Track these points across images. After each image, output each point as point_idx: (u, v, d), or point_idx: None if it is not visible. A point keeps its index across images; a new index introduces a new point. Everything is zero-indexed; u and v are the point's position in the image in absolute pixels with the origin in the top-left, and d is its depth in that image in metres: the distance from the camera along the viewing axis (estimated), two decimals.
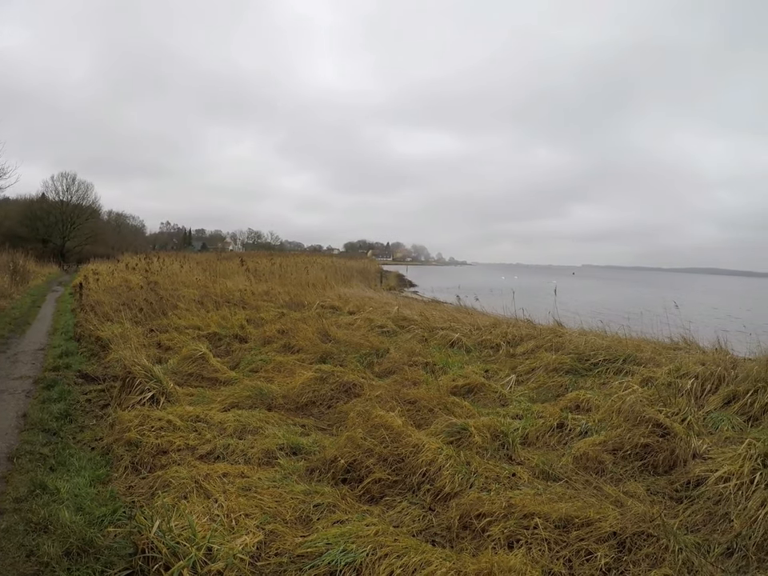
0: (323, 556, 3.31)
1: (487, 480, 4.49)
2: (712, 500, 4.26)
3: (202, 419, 5.77)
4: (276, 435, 5.38)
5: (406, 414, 5.86)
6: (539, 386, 7.81)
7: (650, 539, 3.56)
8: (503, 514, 3.85)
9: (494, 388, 7.47)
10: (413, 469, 4.54)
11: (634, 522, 3.69)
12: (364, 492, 4.40)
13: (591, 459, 4.98)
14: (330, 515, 3.91)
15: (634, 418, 5.47)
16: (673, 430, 5.28)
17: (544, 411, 6.28)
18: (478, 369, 8.56)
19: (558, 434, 5.70)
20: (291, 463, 4.87)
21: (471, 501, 4.06)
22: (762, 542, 3.74)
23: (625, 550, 3.52)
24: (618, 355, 8.56)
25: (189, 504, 3.81)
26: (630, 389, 6.53)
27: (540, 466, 4.89)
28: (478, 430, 5.37)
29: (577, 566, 3.42)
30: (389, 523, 3.86)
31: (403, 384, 7.16)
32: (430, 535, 3.85)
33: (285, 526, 3.72)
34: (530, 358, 9.20)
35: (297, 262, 35.56)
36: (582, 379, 7.97)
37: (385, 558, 3.27)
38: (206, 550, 3.24)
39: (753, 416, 6.14)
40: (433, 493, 4.33)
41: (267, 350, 9.76)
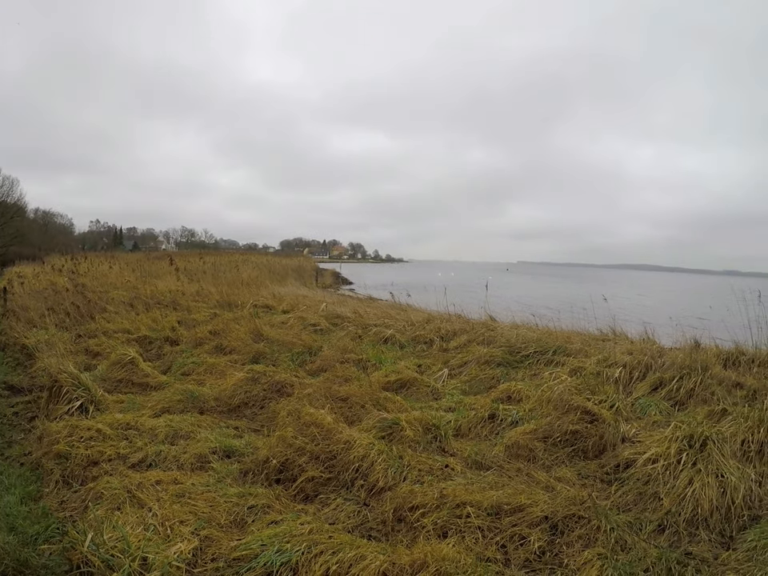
0: (258, 558, 3.32)
1: (420, 472, 4.58)
2: (641, 481, 4.48)
3: (132, 426, 5.61)
4: (208, 439, 5.31)
5: (337, 411, 5.89)
6: (471, 379, 7.98)
7: (582, 521, 3.73)
8: (436, 505, 3.93)
9: (427, 382, 7.60)
10: (345, 465, 4.57)
11: (565, 505, 3.85)
12: (298, 491, 4.40)
13: (522, 447, 5.14)
14: (265, 516, 3.91)
15: (563, 406, 5.66)
16: (601, 416, 5.49)
17: (476, 403, 6.44)
18: (411, 364, 8.68)
19: (489, 425, 5.86)
20: (224, 466, 4.82)
21: (404, 494, 4.12)
22: (692, 517, 4.00)
23: (557, 533, 3.68)
24: (548, 347, 8.83)
25: (122, 515, 3.74)
26: (559, 379, 6.77)
27: (472, 457, 5.02)
28: (409, 423, 5.42)
29: (511, 550, 3.55)
30: (324, 521, 3.89)
31: (335, 381, 7.15)
32: (365, 530, 3.90)
33: (220, 530, 3.70)
34: (462, 351, 9.36)
35: (231, 260, 34.93)
36: (514, 371, 8.20)
37: (320, 556, 3.31)
38: (141, 560, 3.21)
39: (679, 401, 6.51)
40: (367, 488, 4.37)
41: (199, 351, 9.59)
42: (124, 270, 25.59)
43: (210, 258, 34.73)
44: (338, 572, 3.22)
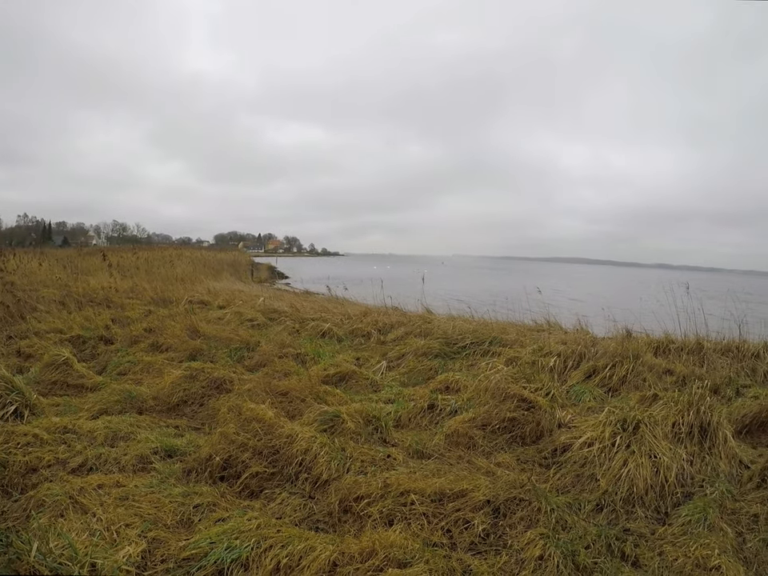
0: (208, 556, 3.33)
1: (363, 463, 4.69)
2: (578, 463, 4.73)
3: (70, 430, 5.46)
4: (149, 439, 5.24)
5: (278, 405, 5.93)
6: (410, 371, 8.18)
7: (523, 503, 3.92)
8: (381, 494, 4.03)
9: (366, 375, 7.74)
10: (289, 459, 4.61)
11: (506, 489, 4.03)
12: (243, 487, 4.42)
13: (462, 435, 5.31)
14: (211, 514, 3.92)
15: (500, 394, 5.84)
16: (537, 403, 5.72)
17: (415, 394, 6.62)
18: (349, 357, 8.82)
19: (429, 415, 6.02)
20: (167, 466, 4.78)
21: (349, 485, 4.21)
22: (628, 496, 4.29)
23: (500, 516, 3.86)
24: (484, 338, 9.11)
25: (66, 521, 3.66)
26: (496, 368, 7.00)
27: (414, 446, 5.17)
28: (350, 416, 5.52)
29: (456, 534, 3.70)
30: (271, 515, 3.93)
31: (274, 376, 7.18)
32: (312, 522, 3.96)
33: (167, 531, 3.68)
34: (400, 344, 9.58)
35: (164, 255, 34.09)
36: (451, 362, 8.44)
37: (270, 550, 3.36)
38: (90, 566, 3.16)
39: (612, 387, 6.87)
40: (311, 481, 4.43)
41: (135, 350, 9.42)
42: (54, 267, 24.68)
43: (144, 253, 33.87)
44: (288, 565, 3.27)
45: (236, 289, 19.93)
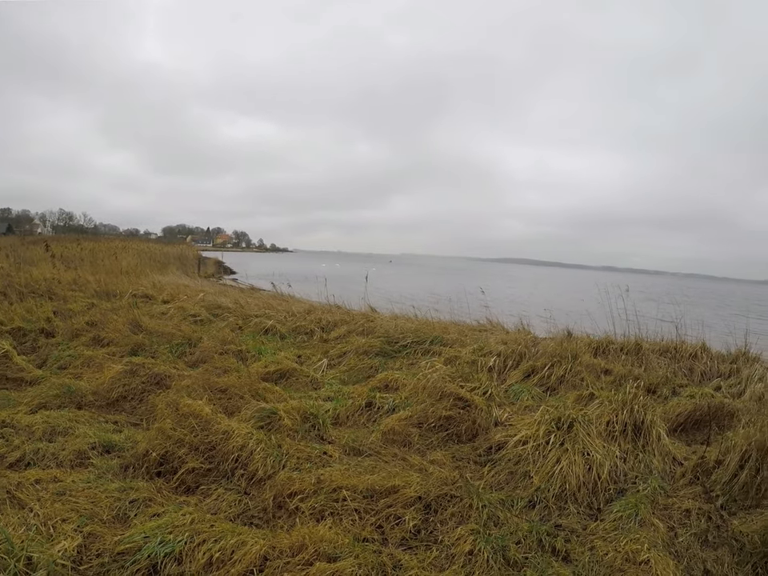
0: (142, 550, 3.36)
1: (299, 460, 4.71)
2: (513, 461, 4.84)
3: (8, 424, 5.39)
4: (87, 434, 5.20)
5: (216, 402, 5.90)
6: (350, 369, 8.28)
7: (454, 500, 4.02)
8: (313, 490, 4.09)
9: (307, 372, 7.79)
10: (225, 455, 4.63)
11: (437, 485, 4.13)
12: (179, 483, 4.43)
13: (398, 433, 5.41)
14: (147, 509, 3.93)
15: (437, 393, 5.95)
16: (473, 402, 5.85)
17: (354, 392, 6.69)
18: (291, 354, 8.87)
19: (367, 413, 6.11)
20: (105, 462, 4.76)
21: (283, 481, 4.25)
22: (560, 492, 4.41)
23: (431, 512, 3.94)
24: (425, 337, 9.24)
25: (3, 516, 3.63)
26: (435, 367, 7.11)
27: (350, 444, 5.24)
28: (287, 413, 5.54)
29: (388, 530, 3.77)
30: (206, 511, 3.96)
31: (214, 373, 7.15)
32: (247, 518, 4.00)
33: (103, 525, 3.69)
34: (342, 342, 9.67)
35: (110, 247, 33.40)
36: (392, 360, 8.55)
37: (203, 544, 3.40)
38: (26, 560, 3.16)
39: (550, 386, 7.05)
40: (247, 477, 4.46)
41: (76, 344, 9.29)
42: None
43: (89, 244, 33.21)
44: (220, 559, 3.32)
45: (182, 283, 19.71)
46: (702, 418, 6.63)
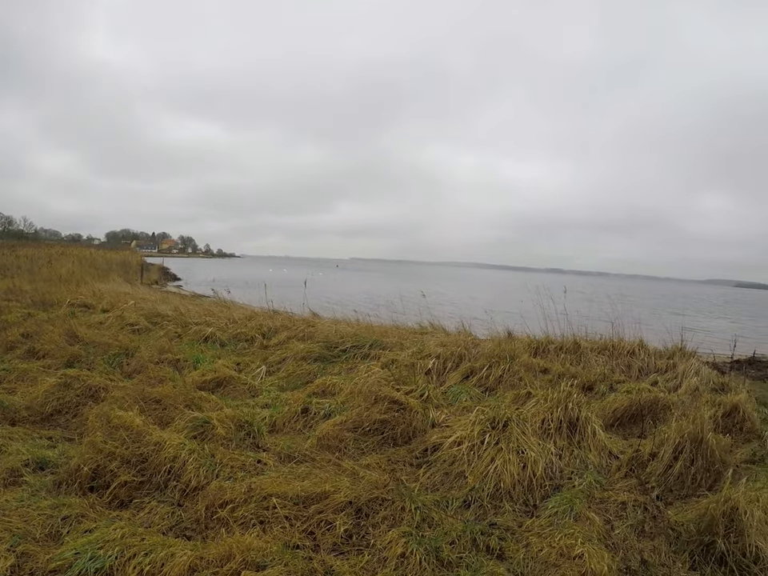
0: (73, 567, 3.32)
1: (233, 469, 4.65)
2: (448, 462, 4.87)
3: None
4: (21, 451, 5.04)
5: (151, 413, 5.80)
6: (289, 375, 8.23)
7: (386, 503, 4.00)
8: (244, 499, 4.03)
9: (244, 380, 7.72)
10: (157, 467, 4.54)
11: (368, 489, 4.10)
12: (113, 497, 4.32)
13: (333, 438, 5.39)
14: (79, 526, 3.84)
15: (372, 397, 5.95)
16: (408, 405, 5.86)
17: (291, 398, 6.62)
18: (229, 362, 8.75)
19: (303, 419, 6.08)
20: (38, 479, 4.63)
21: (215, 491, 4.19)
22: (495, 491, 4.46)
23: (363, 516, 3.92)
24: (364, 341, 9.25)
25: None
26: (372, 371, 7.09)
27: (285, 451, 5.20)
28: (221, 422, 5.46)
29: (319, 536, 3.74)
30: (139, 525, 3.88)
31: (148, 383, 6.99)
32: (180, 530, 3.93)
33: (36, 544, 3.61)
34: (281, 348, 9.61)
35: (49, 253, 32.63)
36: (331, 366, 8.52)
37: (133, 558, 3.36)
38: None
39: (489, 387, 7.15)
40: (180, 488, 4.39)
41: (10, 357, 8.96)
42: None
43: (26, 250, 32.28)
44: (150, 572, 3.29)
45: (123, 291, 19.32)
46: (638, 412, 6.79)
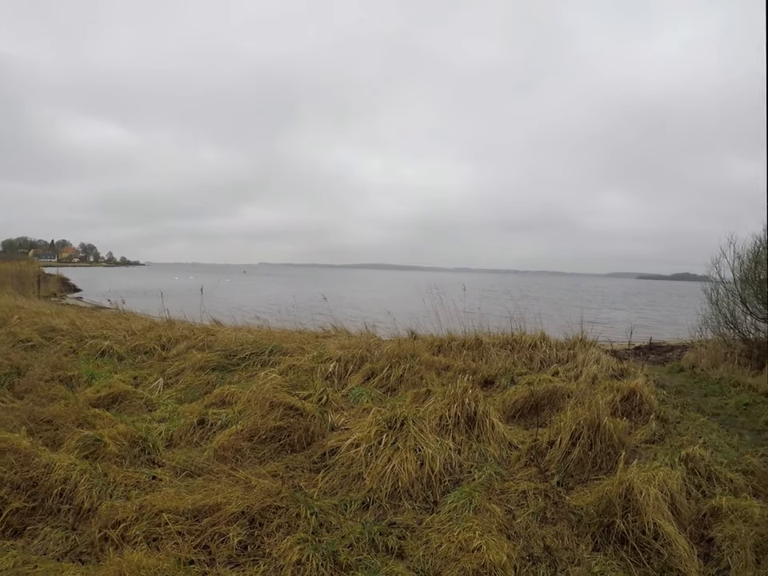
0: None
1: (127, 487, 4.51)
2: (345, 465, 4.87)
3: None
4: None
5: (42, 434, 5.58)
6: (187, 386, 8.03)
7: (280, 510, 3.95)
8: (135, 517, 3.90)
9: (141, 394, 7.46)
10: (48, 491, 4.34)
11: (261, 498, 4.04)
12: (6, 526, 4.08)
13: (229, 449, 5.28)
14: None
15: (268, 404, 5.88)
16: (305, 410, 5.85)
17: (188, 410, 6.47)
18: (126, 377, 8.47)
19: (200, 431, 5.92)
20: None
21: (107, 511, 4.04)
22: (393, 491, 4.48)
23: (257, 526, 3.85)
24: (264, 348, 9.12)
25: None
26: (270, 378, 7.01)
27: (182, 464, 5.04)
28: (113, 439, 5.27)
29: (214, 549, 3.66)
30: (33, 552, 3.73)
31: (40, 402, 6.69)
32: (75, 555, 3.78)
33: None
34: (180, 359, 9.37)
35: None
36: (230, 374, 8.36)
37: None
38: None
39: (390, 387, 7.20)
40: (74, 511, 4.21)
41: None
42: None
43: None
44: None
45: (17, 305, 18.30)
46: (538, 402, 6.98)
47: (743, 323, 11.72)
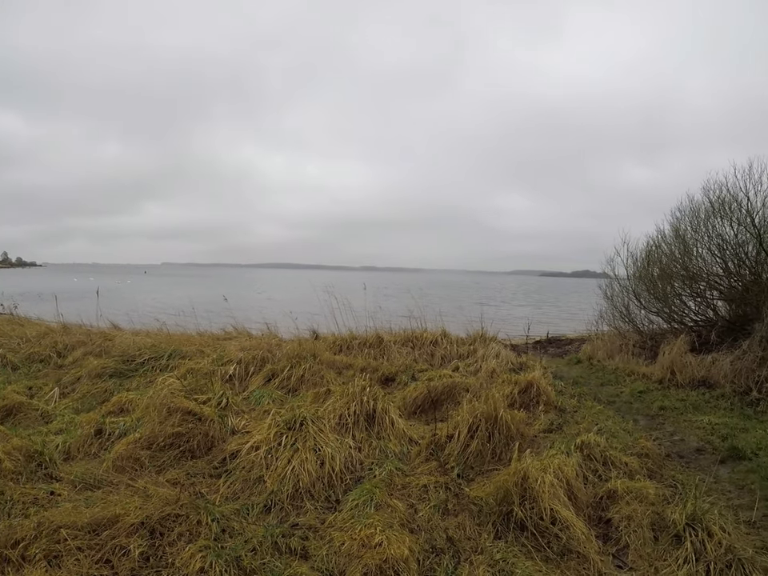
0: None
1: (25, 505, 4.34)
2: (246, 468, 4.88)
3: None
4: None
5: None
6: (84, 395, 7.76)
7: (180, 518, 3.90)
8: (34, 536, 3.78)
9: (37, 405, 7.16)
10: None
11: (159, 507, 3.96)
12: None
13: (128, 458, 5.15)
14: None
15: (166, 410, 5.77)
16: (204, 414, 5.77)
17: (85, 420, 6.25)
18: (20, 387, 8.11)
19: (98, 441, 5.75)
20: None
21: (5, 531, 3.86)
22: (294, 492, 4.52)
23: (157, 535, 3.78)
24: (163, 352, 8.92)
25: None
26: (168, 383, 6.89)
27: (80, 478, 4.88)
28: (8, 454, 5.04)
29: (116, 563, 3.56)
30: None
31: None
32: None
33: None
34: (76, 366, 9.06)
35: None
36: (128, 381, 8.13)
37: None
38: None
39: (291, 388, 7.23)
40: None
41: None
42: None
43: None
44: None
45: None
46: (438, 397, 7.14)
47: (637, 316, 12.50)
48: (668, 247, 11.99)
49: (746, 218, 10.21)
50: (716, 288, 11.19)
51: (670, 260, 11.73)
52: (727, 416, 7.31)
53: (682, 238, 11.56)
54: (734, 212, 10.41)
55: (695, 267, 11.24)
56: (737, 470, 5.57)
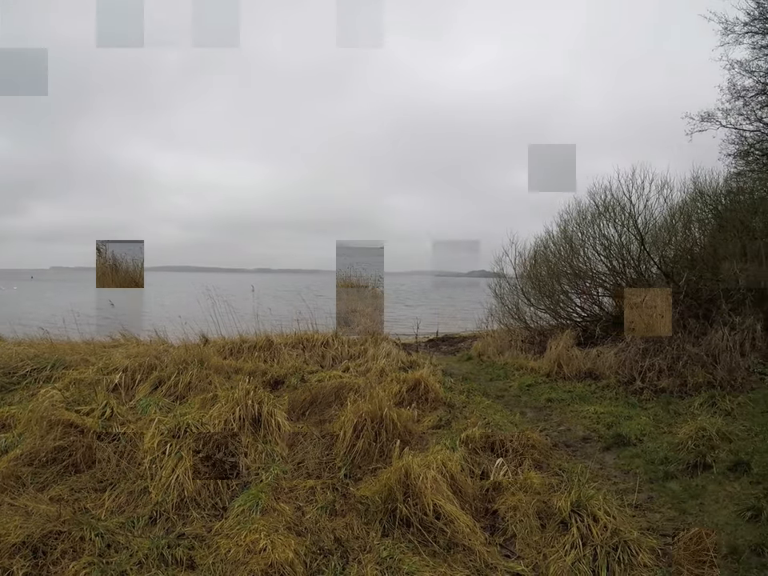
0: None
1: None
2: (131, 480, 4.85)
3: None
4: None
5: None
6: None
7: (63, 535, 3.83)
8: None
9: None
10: None
11: (40, 524, 3.88)
12: None
13: (10, 476, 4.93)
14: None
15: (47, 424, 5.58)
16: (87, 426, 5.64)
17: None
18: None
19: None
20: None
21: None
22: (180, 501, 4.52)
23: (40, 555, 3.69)
24: (46, 362, 8.53)
25: None
26: (49, 395, 6.65)
27: None
28: None
29: None
30: None
31: None
32: None
33: None
34: None
35: None
36: (10, 394, 7.69)
37: None
38: None
39: (179, 395, 7.14)
40: None
41: None
42: None
43: None
44: None
45: None
46: (326, 398, 7.24)
47: (526, 313, 13.06)
48: (556, 247, 12.63)
49: (628, 220, 10.92)
50: (602, 285, 11.90)
51: (557, 259, 12.32)
52: (612, 405, 7.77)
53: (569, 238, 12.22)
54: (618, 215, 11.14)
55: (582, 266, 11.89)
56: (622, 456, 5.96)
